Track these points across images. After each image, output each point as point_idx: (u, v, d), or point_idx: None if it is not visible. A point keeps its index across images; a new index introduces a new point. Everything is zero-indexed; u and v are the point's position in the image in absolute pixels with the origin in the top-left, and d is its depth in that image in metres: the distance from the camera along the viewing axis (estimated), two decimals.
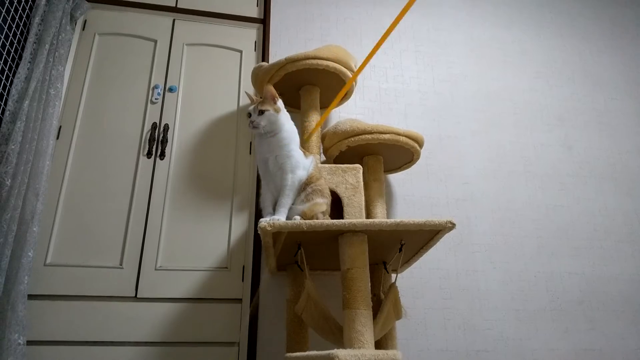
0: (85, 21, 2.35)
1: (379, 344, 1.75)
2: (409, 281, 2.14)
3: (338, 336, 1.51)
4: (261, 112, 1.68)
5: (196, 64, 2.36)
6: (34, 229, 1.78)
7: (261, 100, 1.72)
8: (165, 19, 2.43)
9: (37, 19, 2.07)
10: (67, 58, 2.20)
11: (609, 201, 2.55)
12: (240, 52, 2.44)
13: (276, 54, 2.42)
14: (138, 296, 1.90)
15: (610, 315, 2.28)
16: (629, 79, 2.92)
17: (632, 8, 3.17)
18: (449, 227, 1.50)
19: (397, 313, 1.65)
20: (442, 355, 2.05)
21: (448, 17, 2.84)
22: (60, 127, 2.12)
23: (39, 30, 2.08)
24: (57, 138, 2.10)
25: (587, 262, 2.37)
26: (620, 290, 2.34)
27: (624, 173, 2.64)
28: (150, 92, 2.26)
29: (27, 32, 2.09)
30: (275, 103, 1.72)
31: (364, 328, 1.40)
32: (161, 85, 2.27)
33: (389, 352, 1.40)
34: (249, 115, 1.71)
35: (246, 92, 1.81)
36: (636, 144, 2.74)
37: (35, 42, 2.05)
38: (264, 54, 2.42)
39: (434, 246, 1.70)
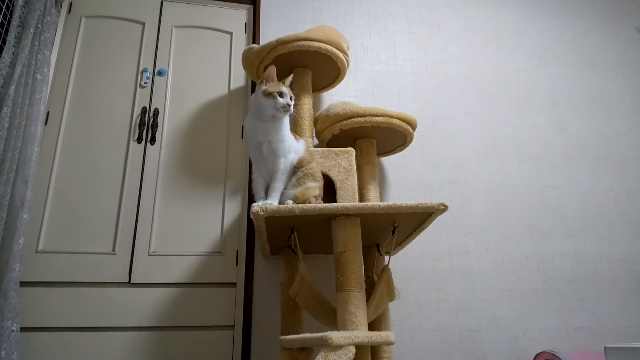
0: (71, 4, 2.30)
1: (373, 326, 1.76)
2: (402, 263, 2.15)
3: (332, 318, 1.52)
4: (291, 98, 1.68)
5: (185, 46, 2.32)
6: (24, 216, 1.76)
7: (290, 86, 1.70)
8: (153, 1, 2.38)
9: (20, 1, 2.02)
10: (53, 42, 2.15)
11: (601, 182, 2.56)
12: (231, 34, 2.40)
13: (267, 36, 2.38)
14: (132, 282, 1.90)
15: (601, 295, 2.31)
16: (622, 59, 2.91)
17: None
18: (441, 209, 1.50)
19: (390, 295, 1.66)
20: (435, 335, 2.07)
21: None
22: (48, 112, 2.09)
23: (23, 13, 2.02)
24: (46, 124, 2.06)
25: (579, 243, 2.40)
26: (611, 269, 2.37)
27: (616, 154, 2.65)
28: (139, 75, 2.22)
29: (11, 15, 2.03)
30: None
31: (358, 310, 1.41)
32: (150, 69, 2.24)
33: (382, 334, 1.41)
34: (281, 95, 1.65)
35: (270, 66, 1.71)
36: (629, 125, 2.74)
37: (19, 26, 2.00)
38: (254, 35, 2.39)
39: (427, 228, 1.70)
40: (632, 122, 2.75)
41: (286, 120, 1.72)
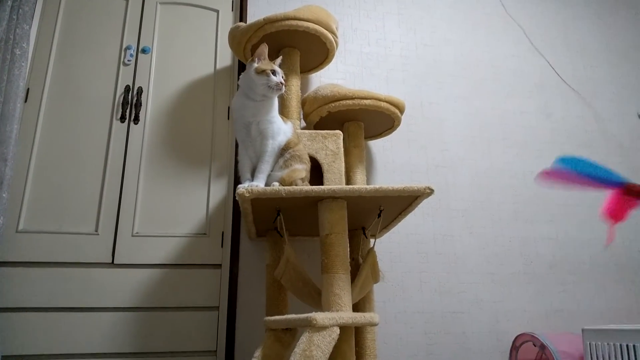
0: None
1: (357, 307, 1.78)
2: (387, 246, 2.16)
3: (317, 300, 1.53)
4: (283, 78, 1.66)
5: (170, 24, 2.26)
6: (4, 195, 1.73)
7: (278, 65, 1.67)
8: None
9: None
10: (33, 16, 2.08)
11: None
12: (217, 11, 2.34)
13: (254, 14, 2.33)
14: (115, 262, 1.88)
15: (580, 279, 2.36)
16: (608, 46, 2.92)
17: None
18: (427, 193, 1.51)
19: (375, 277, 1.68)
20: (418, 317, 2.10)
21: None
22: (28, 89, 2.03)
23: None
24: (25, 101, 2.01)
25: (561, 228, 2.44)
26: (591, 254, 2.42)
27: (601, 140, 2.68)
28: (123, 53, 2.16)
29: None
30: None
31: (342, 291, 1.42)
32: (134, 46, 2.18)
33: (367, 315, 1.43)
34: (273, 73, 1.62)
35: (262, 44, 1.68)
36: (613, 113, 2.77)
37: None
38: (241, 14, 2.33)
39: (412, 212, 1.71)
40: (616, 110, 2.78)
41: (275, 102, 1.69)
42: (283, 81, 1.64)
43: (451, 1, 2.75)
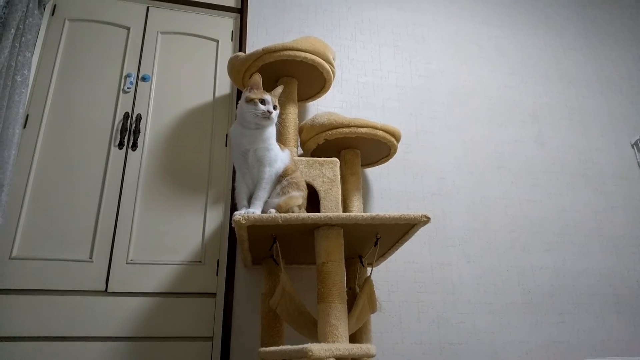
0: (55, 6, 2.26)
1: (354, 338, 1.75)
2: (385, 275, 2.15)
3: (313, 330, 1.50)
4: (275, 107, 1.67)
5: (171, 52, 2.31)
6: None
7: (271, 94, 1.70)
8: (139, 6, 2.36)
9: (1, 2, 1.98)
10: (35, 44, 2.11)
11: (580, 197, 2.61)
12: (217, 41, 2.39)
13: (253, 45, 2.38)
14: (109, 290, 1.85)
15: (579, 309, 2.34)
16: (600, 77, 2.99)
17: (604, 9, 3.25)
18: (423, 221, 1.51)
19: (372, 306, 1.66)
20: (416, 349, 2.07)
21: (427, 13, 2.85)
22: (28, 115, 2.05)
23: (4, 13, 1.99)
24: (24, 127, 2.02)
25: (558, 257, 2.43)
26: (589, 284, 2.41)
27: (594, 169, 2.71)
28: (123, 80, 2.19)
29: None
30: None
31: (339, 322, 1.40)
32: (134, 74, 2.21)
33: (363, 346, 1.40)
34: (262, 102, 1.65)
35: (255, 74, 1.71)
36: (606, 142, 2.81)
37: None
38: (241, 44, 2.38)
39: (409, 240, 1.71)
40: (608, 139, 2.82)
41: (273, 129, 1.71)
42: (272, 110, 1.65)
43: (445, 34, 2.82)
